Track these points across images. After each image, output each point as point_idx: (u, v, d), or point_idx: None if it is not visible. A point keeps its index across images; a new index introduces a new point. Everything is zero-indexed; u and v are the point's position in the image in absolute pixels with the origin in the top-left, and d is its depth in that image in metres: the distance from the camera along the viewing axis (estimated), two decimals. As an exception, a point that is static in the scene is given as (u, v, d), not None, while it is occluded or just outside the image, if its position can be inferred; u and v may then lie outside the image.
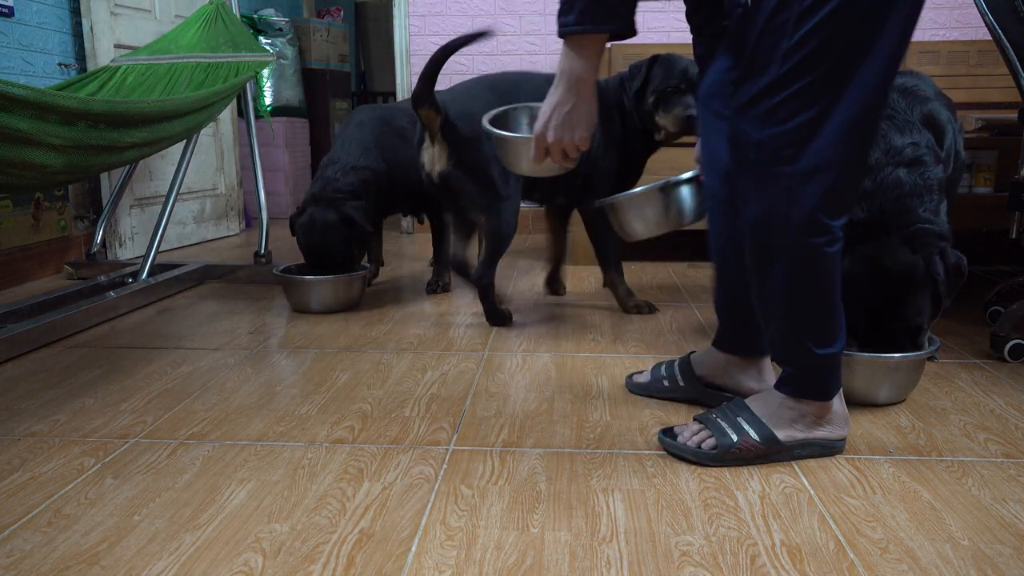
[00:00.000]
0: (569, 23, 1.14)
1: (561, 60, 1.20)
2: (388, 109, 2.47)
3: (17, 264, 2.72)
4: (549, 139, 1.24)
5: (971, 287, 2.52)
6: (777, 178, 1.09)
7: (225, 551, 1.01)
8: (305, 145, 4.84)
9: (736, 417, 1.27)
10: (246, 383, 1.67)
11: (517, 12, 3.76)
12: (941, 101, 1.59)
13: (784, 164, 1.08)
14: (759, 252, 1.17)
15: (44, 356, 1.88)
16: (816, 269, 1.14)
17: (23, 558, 1.00)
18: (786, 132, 1.07)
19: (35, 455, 1.31)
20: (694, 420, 1.32)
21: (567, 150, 1.26)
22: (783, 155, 1.08)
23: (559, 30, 1.16)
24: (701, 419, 1.31)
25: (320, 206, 2.24)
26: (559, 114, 1.22)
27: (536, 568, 0.97)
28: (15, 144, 1.77)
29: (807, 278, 1.15)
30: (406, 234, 3.96)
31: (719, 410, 1.31)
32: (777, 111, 1.07)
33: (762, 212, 1.13)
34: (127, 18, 3.17)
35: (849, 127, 1.06)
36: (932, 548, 1.01)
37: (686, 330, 2.08)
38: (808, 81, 1.04)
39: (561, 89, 1.21)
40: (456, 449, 1.32)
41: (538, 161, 1.30)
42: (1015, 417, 1.45)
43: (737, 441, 1.24)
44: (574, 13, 1.12)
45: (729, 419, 1.27)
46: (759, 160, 1.10)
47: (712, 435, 1.26)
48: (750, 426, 1.25)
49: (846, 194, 1.13)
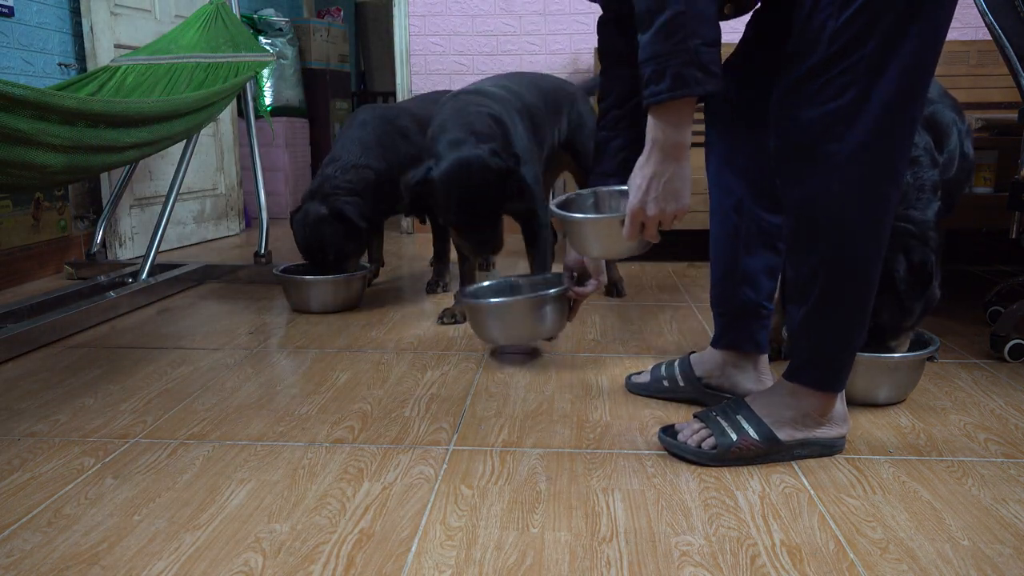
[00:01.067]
0: (662, 91, 1.11)
1: (651, 130, 1.17)
2: (391, 109, 2.47)
3: (17, 264, 2.72)
4: (650, 212, 1.21)
5: (971, 287, 2.52)
6: (826, 157, 1.10)
7: (225, 551, 1.01)
8: (305, 145, 4.84)
9: (736, 415, 1.27)
10: (246, 383, 1.67)
11: (517, 12, 3.76)
12: (946, 103, 1.59)
13: (833, 142, 1.09)
14: (804, 232, 1.16)
15: (44, 356, 1.88)
16: (857, 251, 1.14)
17: (23, 558, 1.00)
18: (833, 111, 1.08)
19: (35, 455, 1.31)
20: (694, 418, 1.32)
21: (665, 222, 1.24)
22: (831, 134, 1.09)
23: (649, 100, 1.13)
24: (701, 417, 1.31)
25: (315, 201, 2.25)
26: (658, 185, 1.19)
27: (536, 568, 0.97)
28: (15, 144, 1.77)
29: (846, 260, 1.15)
30: (406, 234, 3.96)
31: (719, 408, 1.31)
32: (824, 90, 1.08)
33: (811, 192, 1.13)
34: (127, 18, 3.17)
35: (894, 106, 1.08)
36: (932, 548, 1.01)
37: (686, 330, 2.08)
38: (854, 60, 1.06)
39: (656, 159, 1.18)
40: (456, 449, 1.32)
41: (633, 237, 1.26)
42: (1015, 417, 1.45)
43: (737, 440, 1.24)
44: (666, 80, 1.10)
45: (729, 418, 1.27)
46: (807, 140, 1.11)
47: (712, 434, 1.26)
48: (750, 425, 1.25)
49: (893, 175, 1.13)
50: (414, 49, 3.83)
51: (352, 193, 2.26)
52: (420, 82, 3.84)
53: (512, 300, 1.75)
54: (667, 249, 3.23)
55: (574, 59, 3.77)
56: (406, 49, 3.83)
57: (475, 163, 1.77)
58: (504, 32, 3.78)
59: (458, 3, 3.77)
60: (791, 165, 1.15)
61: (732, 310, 1.44)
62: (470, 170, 1.77)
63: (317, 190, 2.27)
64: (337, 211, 2.22)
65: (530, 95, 2.11)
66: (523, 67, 3.77)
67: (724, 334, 1.47)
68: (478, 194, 1.79)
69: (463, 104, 1.94)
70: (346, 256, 2.30)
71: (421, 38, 3.81)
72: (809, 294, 1.19)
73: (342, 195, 2.25)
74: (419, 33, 3.81)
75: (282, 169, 4.58)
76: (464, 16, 3.78)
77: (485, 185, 1.78)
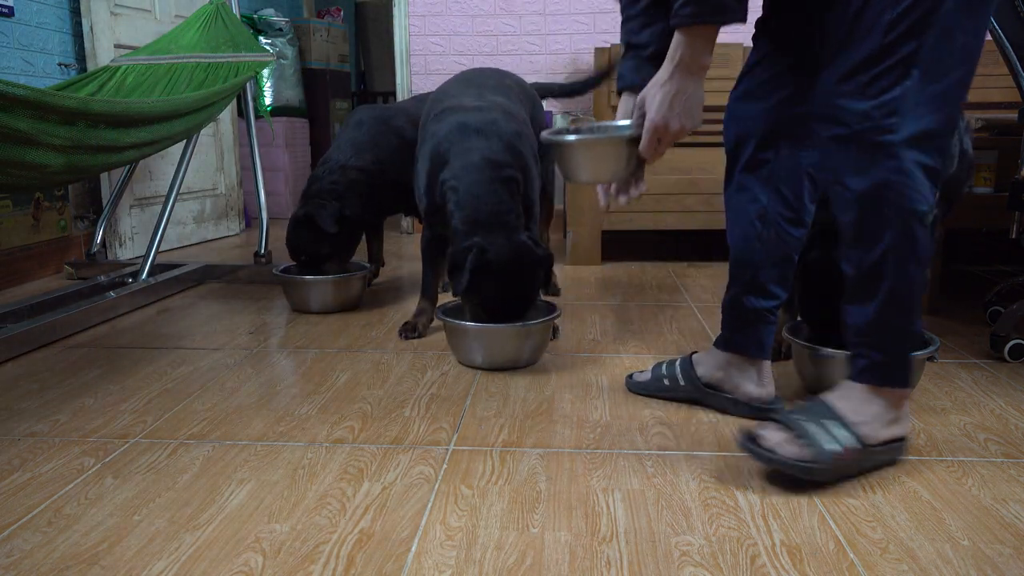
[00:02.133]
0: (686, 15, 1.16)
1: (675, 49, 1.21)
2: (387, 109, 2.47)
3: (17, 264, 2.71)
4: (673, 127, 1.25)
5: (971, 287, 2.52)
6: (884, 147, 1.11)
7: (225, 551, 1.01)
8: (305, 145, 4.84)
9: (826, 420, 1.20)
10: (246, 383, 1.67)
11: (517, 12, 3.76)
12: None
13: (889, 133, 1.11)
14: (869, 223, 1.17)
15: (44, 356, 1.88)
16: (919, 239, 1.15)
17: (23, 558, 1.00)
18: (890, 101, 1.10)
19: (35, 455, 1.31)
20: (776, 423, 1.23)
21: (679, 137, 1.27)
22: (888, 123, 1.11)
23: (675, 20, 1.18)
24: (787, 422, 1.22)
25: (301, 202, 2.28)
26: (680, 102, 1.23)
27: (536, 568, 0.97)
28: (15, 144, 1.77)
29: (912, 249, 1.15)
30: (406, 234, 3.96)
31: (804, 413, 1.23)
32: (880, 80, 1.10)
33: (873, 184, 1.14)
34: (127, 18, 3.17)
35: (947, 94, 1.11)
36: (932, 548, 1.01)
37: (686, 330, 2.08)
38: (910, 50, 1.08)
39: (677, 78, 1.22)
40: (456, 449, 1.32)
41: (649, 153, 1.28)
42: (1015, 417, 1.45)
43: (841, 450, 1.17)
44: (691, 6, 1.15)
45: (821, 424, 1.20)
46: (864, 130, 1.12)
47: (807, 443, 1.18)
48: (844, 430, 1.19)
49: (943, 163, 1.16)
50: (414, 49, 3.83)
51: (335, 195, 2.27)
52: (420, 82, 3.84)
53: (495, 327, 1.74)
54: (667, 249, 3.23)
55: (574, 59, 3.77)
56: (406, 49, 3.83)
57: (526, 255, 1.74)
58: (504, 32, 3.78)
59: (458, 3, 3.77)
60: (849, 156, 1.15)
61: (742, 315, 1.43)
62: (521, 264, 1.74)
63: (306, 192, 2.30)
64: (309, 215, 2.23)
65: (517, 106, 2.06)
66: (523, 67, 3.77)
67: (731, 337, 1.47)
68: (523, 289, 1.77)
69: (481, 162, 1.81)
70: (320, 258, 2.29)
71: (421, 38, 3.81)
72: (876, 289, 1.18)
73: (325, 198, 2.25)
74: (419, 33, 3.81)
75: (282, 169, 4.58)
76: (464, 16, 3.78)
77: (533, 279, 1.77)
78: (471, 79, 2.13)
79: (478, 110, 1.91)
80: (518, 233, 1.76)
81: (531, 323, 1.74)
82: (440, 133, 1.88)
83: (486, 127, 1.86)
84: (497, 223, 1.74)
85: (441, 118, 1.92)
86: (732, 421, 1.44)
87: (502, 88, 2.09)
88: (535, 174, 1.94)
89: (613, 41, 3.68)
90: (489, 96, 2.00)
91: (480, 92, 2.02)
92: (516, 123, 1.92)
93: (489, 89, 2.05)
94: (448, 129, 1.87)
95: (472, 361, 1.77)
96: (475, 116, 1.88)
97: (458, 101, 1.96)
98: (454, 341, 1.80)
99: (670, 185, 2.92)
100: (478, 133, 1.84)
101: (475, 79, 2.13)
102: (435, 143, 1.88)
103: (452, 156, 1.83)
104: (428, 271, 2.07)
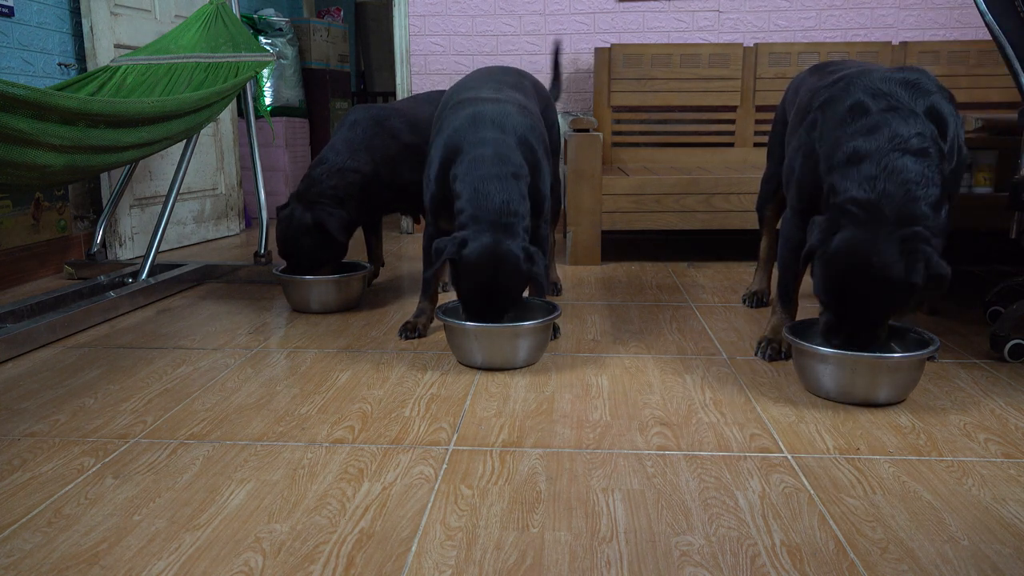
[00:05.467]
0: None
1: None
2: (383, 109, 2.47)
3: (17, 264, 2.72)
4: None
5: (971, 287, 2.52)
6: None
7: (225, 551, 1.01)
8: (305, 145, 4.84)
9: None
10: (246, 383, 1.67)
11: (517, 12, 3.76)
12: (943, 95, 1.59)
13: None
14: None
15: (44, 356, 1.88)
16: None
17: (23, 558, 1.00)
18: None
19: (35, 455, 1.31)
20: None
21: None
22: None
23: None
24: None
25: (302, 205, 2.25)
26: None
27: (536, 568, 0.97)
28: (15, 144, 1.77)
29: None
30: (406, 234, 3.96)
31: None
32: None
33: None
34: (127, 18, 3.17)
35: None
36: (932, 548, 1.01)
37: (686, 330, 2.08)
38: None
39: None
40: (456, 449, 1.32)
41: None
42: (1015, 417, 1.45)
43: None
44: None
45: None
46: None
47: None
48: None
49: None
50: (414, 49, 3.83)
51: (337, 200, 2.26)
52: (420, 82, 3.84)
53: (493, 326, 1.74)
54: (667, 249, 3.23)
55: (574, 59, 3.77)
56: (406, 49, 3.83)
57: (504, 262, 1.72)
58: (504, 32, 3.78)
59: (458, 3, 3.77)
60: None
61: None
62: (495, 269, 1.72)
63: (304, 193, 2.27)
64: (319, 223, 2.21)
65: (532, 103, 2.09)
66: (523, 67, 3.77)
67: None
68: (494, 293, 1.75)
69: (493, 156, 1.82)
70: (320, 264, 2.29)
71: (421, 38, 3.81)
72: None
73: (327, 203, 2.24)
74: (419, 33, 3.81)
75: (282, 169, 4.58)
76: (464, 16, 3.78)
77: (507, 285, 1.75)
78: (491, 73, 2.16)
79: (495, 102, 1.93)
80: (516, 238, 1.75)
81: (531, 323, 1.75)
82: (455, 123, 1.90)
83: (500, 119, 1.88)
84: (498, 223, 1.75)
85: (458, 108, 1.95)
86: (732, 421, 1.44)
87: (520, 87, 2.13)
88: (546, 168, 1.95)
89: (613, 41, 3.68)
90: (506, 91, 2.03)
91: (498, 87, 2.05)
92: (530, 118, 1.94)
93: (507, 85, 2.08)
94: (463, 119, 1.90)
95: (471, 361, 1.77)
96: (491, 108, 1.90)
97: (476, 93, 1.98)
98: (454, 341, 1.80)
99: (670, 185, 2.92)
100: (492, 124, 1.87)
101: (495, 74, 2.16)
102: (450, 132, 1.90)
103: (465, 147, 1.85)
104: (429, 270, 2.07)
